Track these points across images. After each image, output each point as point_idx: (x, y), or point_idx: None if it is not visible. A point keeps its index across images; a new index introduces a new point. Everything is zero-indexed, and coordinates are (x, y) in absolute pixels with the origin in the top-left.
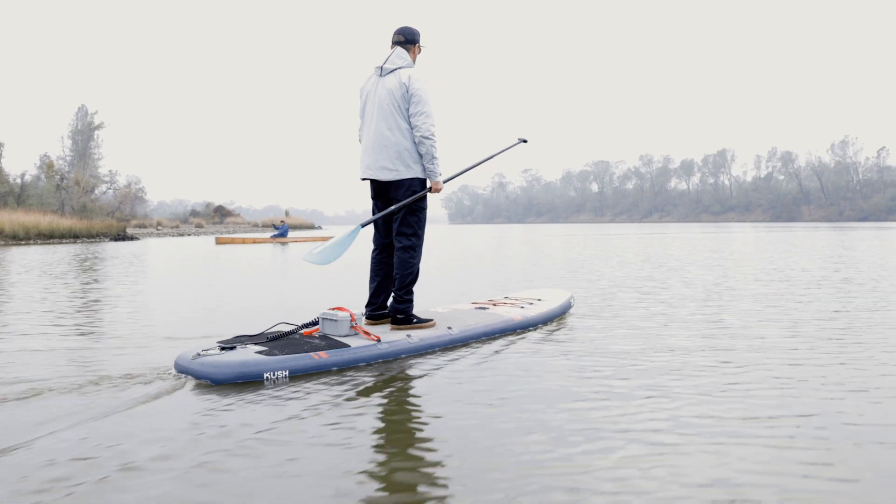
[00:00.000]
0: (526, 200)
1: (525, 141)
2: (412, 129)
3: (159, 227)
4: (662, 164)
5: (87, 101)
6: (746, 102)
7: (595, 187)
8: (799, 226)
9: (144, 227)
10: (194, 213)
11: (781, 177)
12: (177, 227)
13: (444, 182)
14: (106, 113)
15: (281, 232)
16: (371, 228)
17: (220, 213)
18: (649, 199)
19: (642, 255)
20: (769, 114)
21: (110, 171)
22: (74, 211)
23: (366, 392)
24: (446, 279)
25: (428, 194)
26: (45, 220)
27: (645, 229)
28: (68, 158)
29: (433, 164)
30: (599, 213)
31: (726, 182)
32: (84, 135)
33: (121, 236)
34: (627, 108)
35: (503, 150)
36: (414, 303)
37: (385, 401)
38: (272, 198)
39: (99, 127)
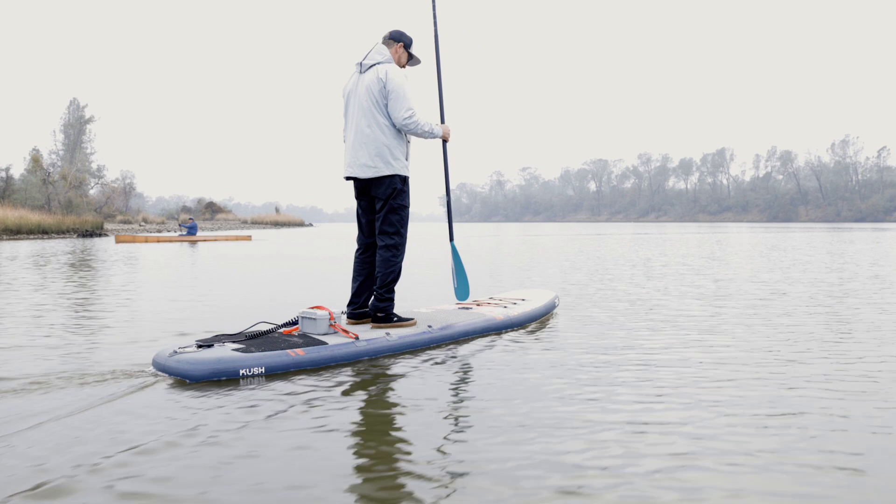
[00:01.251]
0: (524, 199)
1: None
2: (392, 124)
3: (143, 224)
4: (661, 163)
5: (80, 95)
6: (747, 101)
7: (593, 186)
8: (795, 226)
9: (129, 223)
10: (185, 210)
11: (780, 176)
12: (162, 223)
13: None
14: (101, 107)
15: (189, 230)
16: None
17: (212, 210)
18: (647, 199)
19: (604, 258)
20: (770, 112)
21: (98, 166)
22: (60, 206)
23: (341, 390)
24: (436, 279)
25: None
26: (13, 215)
27: (638, 229)
28: (60, 153)
29: (430, 129)
30: (597, 212)
31: (724, 182)
32: (76, 128)
33: (89, 233)
34: (627, 106)
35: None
36: (395, 302)
37: (360, 399)
38: (271, 194)
39: (90, 121)
